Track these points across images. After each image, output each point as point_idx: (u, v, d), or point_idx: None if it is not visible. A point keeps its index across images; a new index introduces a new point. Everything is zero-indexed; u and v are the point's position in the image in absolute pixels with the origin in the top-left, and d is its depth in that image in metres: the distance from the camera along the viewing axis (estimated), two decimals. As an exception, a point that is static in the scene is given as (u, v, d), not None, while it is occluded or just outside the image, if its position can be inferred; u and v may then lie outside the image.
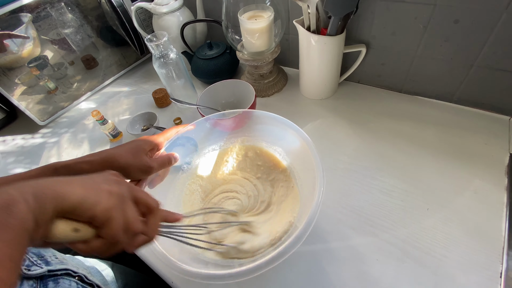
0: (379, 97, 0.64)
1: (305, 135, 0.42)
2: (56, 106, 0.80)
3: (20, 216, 0.18)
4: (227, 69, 0.74)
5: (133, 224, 0.25)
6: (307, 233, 0.33)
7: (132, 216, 0.25)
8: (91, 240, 0.23)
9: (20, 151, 0.73)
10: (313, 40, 0.55)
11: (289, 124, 0.44)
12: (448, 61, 0.53)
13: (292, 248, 0.32)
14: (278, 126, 0.46)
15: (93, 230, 0.23)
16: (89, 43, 0.82)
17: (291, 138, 0.44)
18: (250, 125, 0.51)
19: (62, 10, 0.75)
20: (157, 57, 0.61)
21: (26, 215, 0.19)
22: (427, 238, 0.41)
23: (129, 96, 0.82)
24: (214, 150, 0.52)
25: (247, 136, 0.52)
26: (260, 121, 0.49)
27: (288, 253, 0.31)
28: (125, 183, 0.27)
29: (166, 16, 0.72)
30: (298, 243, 0.32)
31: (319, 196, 0.35)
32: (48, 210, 0.20)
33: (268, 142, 0.51)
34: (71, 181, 0.23)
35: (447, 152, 0.51)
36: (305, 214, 0.37)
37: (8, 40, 0.68)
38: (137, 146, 0.38)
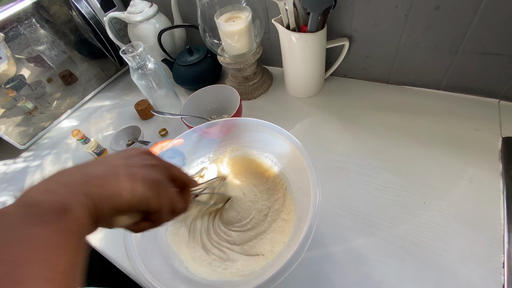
0: (366, 90, 0.62)
1: (294, 138, 0.40)
2: (36, 127, 0.77)
3: (79, 222, 0.18)
4: (210, 74, 0.72)
5: (177, 205, 0.27)
6: (305, 247, 0.31)
7: (175, 198, 0.27)
8: (140, 223, 0.25)
9: (2, 178, 0.70)
10: (294, 38, 0.53)
11: (277, 129, 0.42)
12: (432, 48, 0.52)
13: (293, 264, 0.30)
14: (266, 132, 0.44)
15: (143, 214, 0.25)
16: (65, 58, 0.79)
17: (281, 143, 0.43)
18: (239, 132, 0.49)
19: (33, 27, 0.72)
20: (135, 68, 0.58)
21: (85, 219, 0.18)
22: (426, 233, 0.40)
23: (112, 110, 0.79)
24: (204, 163, 0.50)
25: (236, 145, 0.50)
26: (248, 128, 0.47)
27: (288, 271, 0.30)
28: (161, 164, 0.26)
29: (142, 25, 0.70)
30: (298, 258, 0.30)
31: (315, 205, 0.34)
32: (106, 210, 0.20)
33: (258, 149, 0.49)
34: (113, 171, 0.22)
35: (439, 141, 0.50)
36: (302, 222, 0.35)
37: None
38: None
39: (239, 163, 0.49)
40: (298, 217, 0.40)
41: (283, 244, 0.38)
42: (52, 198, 0.18)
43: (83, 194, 0.19)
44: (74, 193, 0.18)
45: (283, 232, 0.41)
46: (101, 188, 0.20)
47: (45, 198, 0.18)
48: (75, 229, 0.17)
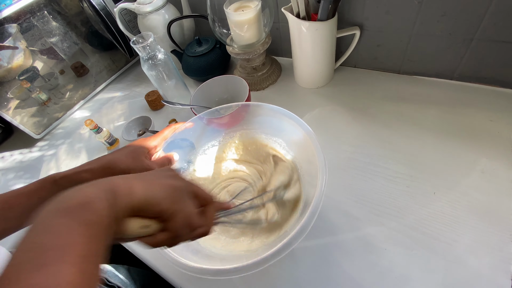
0: (377, 81, 0.61)
1: (304, 123, 0.41)
2: (50, 117, 0.79)
3: (99, 213, 0.19)
4: (219, 65, 0.72)
5: (194, 217, 0.26)
6: (311, 222, 0.32)
7: (193, 210, 0.26)
8: (156, 234, 0.24)
9: (19, 167, 0.72)
10: (303, 27, 0.53)
11: (286, 113, 0.43)
12: (446, 36, 0.51)
13: (298, 239, 0.31)
14: (276, 116, 0.45)
15: (159, 225, 0.24)
16: (76, 50, 0.80)
17: (291, 128, 0.43)
18: (248, 119, 0.50)
19: (45, 19, 0.73)
20: (145, 59, 0.59)
21: (105, 211, 0.20)
22: (436, 223, 0.40)
23: (123, 101, 0.80)
24: (214, 146, 0.52)
25: (245, 130, 0.52)
26: (258, 113, 0.48)
27: (294, 244, 0.31)
28: (183, 178, 0.27)
29: (151, 15, 0.70)
30: (303, 233, 0.32)
31: (322, 185, 0.35)
32: (123, 207, 0.21)
33: (267, 134, 0.50)
34: (135, 177, 0.24)
35: (451, 132, 0.49)
36: (308, 204, 0.36)
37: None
38: (135, 149, 0.37)
39: (249, 146, 0.51)
40: (304, 201, 0.41)
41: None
42: (78, 194, 0.20)
43: (107, 191, 0.21)
44: (98, 189, 0.21)
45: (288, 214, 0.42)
46: (122, 186, 0.22)
47: (73, 194, 0.20)
48: (96, 220, 0.19)
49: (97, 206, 0.19)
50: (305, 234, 0.32)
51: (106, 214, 0.20)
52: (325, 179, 0.35)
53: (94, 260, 0.18)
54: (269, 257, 0.31)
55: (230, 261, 0.38)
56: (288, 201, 0.43)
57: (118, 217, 0.21)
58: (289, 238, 0.32)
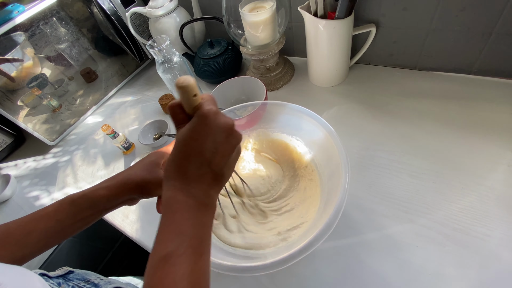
0: (393, 77, 0.61)
1: (324, 121, 0.41)
2: (63, 124, 0.79)
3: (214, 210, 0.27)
4: (232, 67, 0.72)
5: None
6: (336, 219, 0.32)
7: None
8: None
9: (33, 174, 0.72)
10: (321, 25, 0.53)
11: (306, 112, 0.43)
12: (465, 31, 0.51)
13: (324, 235, 0.31)
14: (294, 115, 0.45)
15: None
16: (86, 55, 0.80)
17: (310, 127, 0.43)
18: (265, 118, 0.50)
19: (55, 25, 0.73)
20: (161, 62, 0.59)
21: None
22: (466, 219, 0.40)
23: (135, 105, 0.80)
24: None
25: (262, 129, 0.51)
26: (276, 112, 0.48)
27: (320, 241, 0.31)
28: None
29: (163, 19, 0.70)
30: (329, 230, 0.32)
31: (345, 182, 0.35)
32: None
33: (285, 133, 0.50)
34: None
35: (473, 127, 0.49)
36: (331, 202, 0.36)
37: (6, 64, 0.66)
38: (150, 161, 0.37)
39: (265, 144, 0.52)
40: (323, 201, 0.41)
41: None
42: (208, 201, 0.26)
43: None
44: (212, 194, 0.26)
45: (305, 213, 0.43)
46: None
47: (209, 201, 0.26)
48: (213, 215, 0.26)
49: (213, 208, 0.27)
50: (330, 231, 0.32)
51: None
52: (348, 176, 0.35)
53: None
54: (295, 254, 0.31)
55: (253, 258, 0.38)
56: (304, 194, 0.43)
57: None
58: (314, 235, 0.32)
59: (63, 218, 0.33)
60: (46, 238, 0.33)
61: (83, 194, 0.34)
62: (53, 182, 0.68)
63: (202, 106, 0.24)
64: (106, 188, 0.34)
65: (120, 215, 0.55)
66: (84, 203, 0.34)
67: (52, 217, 0.33)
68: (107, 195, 0.34)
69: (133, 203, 0.37)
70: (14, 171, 0.76)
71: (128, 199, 0.36)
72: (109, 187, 0.34)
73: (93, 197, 0.34)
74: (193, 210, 0.24)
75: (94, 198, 0.34)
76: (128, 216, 0.55)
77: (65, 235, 0.35)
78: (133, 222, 0.54)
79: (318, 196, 0.43)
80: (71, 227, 0.34)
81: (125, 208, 0.56)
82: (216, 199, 0.27)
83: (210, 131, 0.24)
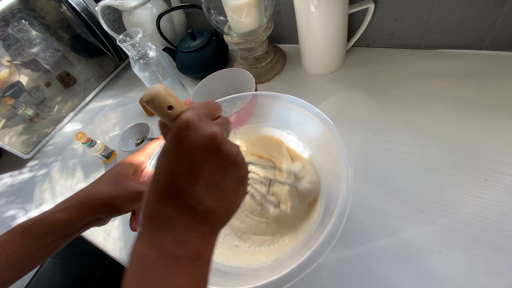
0: (395, 59, 0.55)
1: (320, 113, 0.35)
2: (39, 134, 0.73)
3: (210, 260, 0.19)
4: (217, 59, 0.66)
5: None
6: (341, 225, 0.27)
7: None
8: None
9: (10, 191, 0.66)
10: (312, 4, 0.46)
11: (296, 101, 0.37)
12: (475, 0, 0.45)
13: (329, 245, 0.26)
14: (285, 106, 0.39)
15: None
16: (60, 58, 0.73)
17: (305, 120, 0.38)
18: (255, 113, 0.44)
19: (23, 28, 0.66)
20: (136, 59, 0.52)
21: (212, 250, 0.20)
22: (494, 215, 0.34)
23: (116, 108, 0.74)
24: None
25: (250, 125, 0.46)
26: (267, 104, 0.42)
27: (324, 254, 0.26)
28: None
29: (137, 11, 0.63)
30: (334, 238, 0.26)
31: (348, 180, 0.29)
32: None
33: (275, 127, 0.44)
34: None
35: (491, 108, 0.43)
36: (333, 205, 0.30)
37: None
38: (116, 173, 0.31)
39: (255, 143, 0.46)
40: (326, 200, 0.35)
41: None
42: (180, 251, 0.18)
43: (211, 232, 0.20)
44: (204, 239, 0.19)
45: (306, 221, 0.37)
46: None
47: (182, 252, 0.18)
48: (208, 266, 0.19)
49: (208, 257, 0.20)
50: (335, 240, 0.26)
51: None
52: (350, 173, 0.30)
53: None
54: (294, 271, 0.26)
55: (254, 276, 0.32)
56: (303, 196, 0.37)
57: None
58: (318, 245, 0.26)
59: (15, 251, 0.28)
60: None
61: (36, 220, 0.29)
62: (29, 199, 0.62)
63: (178, 117, 0.18)
64: (64, 210, 0.29)
65: (102, 233, 0.49)
66: (39, 231, 0.28)
67: (2, 252, 0.28)
68: (66, 218, 0.29)
69: (101, 223, 0.32)
70: (-11, 189, 0.69)
71: (94, 219, 0.30)
72: (68, 208, 0.29)
73: (48, 222, 0.28)
74: (160, 269, 0.17)
75: (50, 223, 0.28)
76: (110, 233, 0.49)
77: (22, 269, 0.30)
78: (116, 240, 0.48)
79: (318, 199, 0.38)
80: (28, 259, 0.29)
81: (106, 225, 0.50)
82: (202, 247, 0.19)
83: (183, 151, 0.18)
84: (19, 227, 0.29)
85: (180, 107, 0.19)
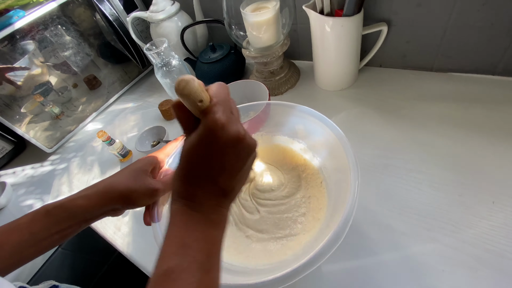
0: (407, 80, 0.57)
1: (333, 125, 0.37)
2: (63, 131, 0.77)
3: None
4: (234, 71, 0.69)
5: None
6: (346, 228, 0.28)
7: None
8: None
9: (30, 182, 0.70)
10: (327, 24, 0.49)
11: (312, 113, 0.39)
12: (488, 27, 0.46)
13: (332, 247, 0.27)
14: (299, 116, 0.41)
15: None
16: (89, 62, 0.79)
17: (318, 131, 0.39)
18: (268, 121, 0.47)
19: (59, 32, 0.72)
20: (159, 66, 0.56)
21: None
22: (500, 238, 0.34)
23: (135, 111, 0.78)
24: None
25: (262, 133, 0.48)
26: (281, 113, 0.44)
27: (327, 255, 0.27)
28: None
29: (164, 23, 0.68)
30: (338, 241, 0.27)
31: (354, 189, 0.30)
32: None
33: (286, 136, 0.46)
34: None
35: (502, 132, 0.43)
36: (338, 211, 0.31)
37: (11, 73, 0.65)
38: (136, 168, 0.33)
39: (267, 151, 0.48)
40: (330, 211, 0.36)
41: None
42: (216, 217, 0.23)
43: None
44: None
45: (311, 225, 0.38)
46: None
47: (216, 216, 0.23)
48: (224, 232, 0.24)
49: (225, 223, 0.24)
50: (339, 243, 0.27)
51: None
52: (358, 181, 0.31)
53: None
54: (299, 269, 0.26)
55: (253, 275, 0.33)
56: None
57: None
58: (321, 247, 0.27)
59: (37, 231, 0.30)
60: (20, 252, 0.30)
61: (59, 204, 0.31)
62: (48, 191, 0.65)
63: (209, 114, 0.20)
64: (85, 197, 0.31)
65: (112, 227, 0.51)
66: (61, 214, 0.30)
67: (25, 230, 0.30)
68: (86, 205, 0.30)
69: (116, 214, 0.34)
70: (11, 178, 0.74)
71: (111, 209, 0.32)
72: (89, 196, 0.31)
73: (70, 207, 0.30)
74: (199, 224, 0.22)
75: (72, 208, 0.30)
76: (120, 228, 0.51)
77: (41, 249, 0.32)
78: (125, 235, 0.50)
79: (325, 206, 0.39)
80: (47, 240, 0.31)
81: (117, 219, 0.52)
82: (226, 214, 0.24)
83: (216, 148, 0.21)
84: (43, 208, 0.30)
85: (207, 99, 0.21)
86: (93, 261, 0.68)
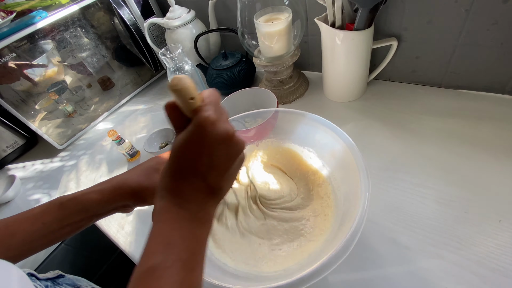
0: (415, 95, 0.57)
1: (344, 134, 0.37)
2: (74, 128, 0.79)
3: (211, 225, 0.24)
4: (244, 78, 0.71)
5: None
6: (354, 242, 0.28)
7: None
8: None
9: (39, 176, 0.72)
10: (338, 37, 0.50)
11: (324, 122, 0.40)
12: (497, 46, 0.46)
13: (338, 260, 0.27)
14: (308, 124, 0.42)
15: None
16: (104, 64, 0.82)
17: (327, 140, 0.40)
18: (277, 128, 0.48)
19: (78, 34, 0.75)
20: (172, 70, 0.58)
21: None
22: (506, 258, 0.34)
23: (146, 113, 0.80)
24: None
25: (272, 139, 0.48)
26: (290, 121, 0.45)
27: (335, 264, 0.27)
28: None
29: (179, 29, 0.70)
30: (344, 254, 0.27)
31: (365, 200, 0.30)
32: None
33: (296, 143, 0.47)
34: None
35: (508, 150, 0.43)
36: (347, 222, 0.31)
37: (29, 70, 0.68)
38: (149, 166, 0.34)
39: (276, 155, 0.48)
40: (337, 223, 0.36)
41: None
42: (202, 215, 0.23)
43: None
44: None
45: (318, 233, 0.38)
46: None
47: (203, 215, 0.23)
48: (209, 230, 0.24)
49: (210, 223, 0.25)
50: (347, 253, 0.27)
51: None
52: (368, 196, 0.31)
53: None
54: (305, 278, 0.26)
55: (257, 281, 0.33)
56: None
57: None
58: (328, 257, 0.27)
59: (49, 222, 0.31)
60: (31, 241, 0.31)
61: (73, 197, 0.31)
62: (55, 186, 0.66)
63: (200, 112, 0.21)
64: (99, 192, 0.32)
65: (116, 225, 0.52)
66: (74, 207, 0.31)
67: (38, 220, 0.31)
68: (99, 199, 0.31)
69: (126, 210, 0.34)
70: (21, 172, 0.75)
71: (122, 205, 0.33)
72: (102, 191, 0.32)
73: (83, 200, 0.31)
74: (185, 222, 0.22)
75: (85, 202, 0.31)
76: (123, 227, 0.51)
77: (51, 240, 0.32)
78: (128, 234, 0.50)
79: (332, 217, 0.39)
80: (58, 231, 0.32)
81: (121, 218, 0.53)
82: (213, 213, 0.24)
83: (206, 144, 0.21)
84: (57, 200, 0.31)
85: (199, 99, 0.21)
86: (93, 259, 0.68)
